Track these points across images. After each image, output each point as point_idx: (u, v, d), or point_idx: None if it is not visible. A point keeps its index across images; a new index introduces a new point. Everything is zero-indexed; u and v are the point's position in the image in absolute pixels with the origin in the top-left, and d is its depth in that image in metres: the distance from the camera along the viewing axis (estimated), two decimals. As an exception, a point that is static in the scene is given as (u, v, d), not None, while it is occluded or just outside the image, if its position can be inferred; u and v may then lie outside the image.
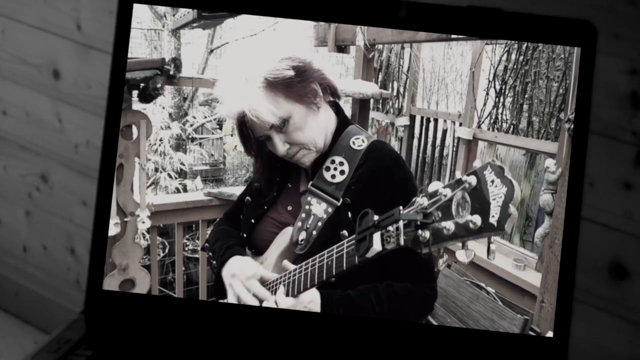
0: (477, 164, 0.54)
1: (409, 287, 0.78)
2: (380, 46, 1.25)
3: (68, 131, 1.37)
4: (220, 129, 1.44)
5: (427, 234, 0.56)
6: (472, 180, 0.52)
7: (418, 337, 0.76)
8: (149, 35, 1.05)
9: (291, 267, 0.78)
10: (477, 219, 0.52)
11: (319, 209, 0.77)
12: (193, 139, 1.36)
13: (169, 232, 1.17)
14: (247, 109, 0.75)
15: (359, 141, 0.80)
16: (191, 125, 1.31)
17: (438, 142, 1.15)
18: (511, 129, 1.04)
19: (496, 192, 0.51)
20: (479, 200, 0.52)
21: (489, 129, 1.05)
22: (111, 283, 0.95)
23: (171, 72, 1.00)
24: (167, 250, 1.17)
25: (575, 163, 0.73)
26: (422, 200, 0.57)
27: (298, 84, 0.76)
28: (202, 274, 1.14)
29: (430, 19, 0.74)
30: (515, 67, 1.01)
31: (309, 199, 0.78)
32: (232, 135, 1.34)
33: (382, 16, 0.75)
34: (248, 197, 0.88)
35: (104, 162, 0.76)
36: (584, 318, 0.99)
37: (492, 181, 0.51)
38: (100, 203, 0.77)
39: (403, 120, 1.21)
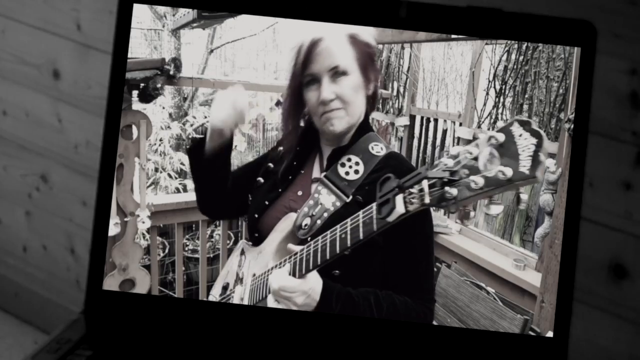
0: (500, 124, 0.54)
1: (408, 302, 0.79)
2: (380, 46, 1.25)
3: (68, 131, 1.37)
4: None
5: (454, 191, 0.56)
6: (500, 136, 0.53)
7: (418, 337, 0.76)
8: (149, 35, 1.04)
9: (297, 248, 0.77)
10: (507, 170, 0.52)
11: (327, 200, 0.78)
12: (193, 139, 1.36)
13: (169, 232, 1.17)
14: (326, 39, 0.77)
15: (378, 148, 0.82)
16: (191, 125, 1.31)
17: (438, 142, 1.15)
18: (511, 129, 1.04)
19: (525, 144, 0.52)
20: (508, 153, 0.53)
21: (489, 129, 1.05)
22: (111, 283, 0.95)
23: (171, 72, 1.00)
24: (167, 250, 1.17)
25: (575, 163, 0.73)
26: (447, 161, 0.57)
27: (368, 58, 0.79)
28: (202, 274, 1.14)
29: (430, 19, 0.74)
30: (515, 67, 1.01)
31: (319, 188, 0.79)
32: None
33: (382, 16, 0.75)
34: (260, 178, 0.87)
35: (104, 162, 0.76)
36: (584, 318, 0.99)
37: (521, 135, 0.53)
38: (100, 203, 0.77)
39: (403, 120, 1.21)
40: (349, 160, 0.80)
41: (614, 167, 0.94)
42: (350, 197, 0.77)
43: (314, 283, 0.74)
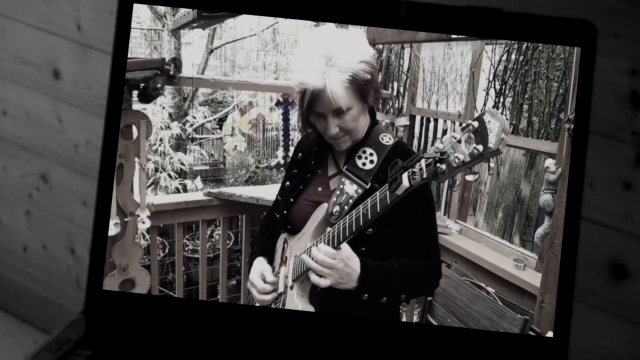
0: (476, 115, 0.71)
1: (424, 264, 0.93)
2: (380, 46, 1.25)
3: (68, 131, 1.37)
4: (220, 129, 1.44)
5: (443, 166, 0.73)
6: (475, 123, 0.70)
7: (418, 337, 0.76)
8: (149, 35, 1.05)
9: (330, 228, 0.90)
10: (480, 147, 0.69)
11: (350, 189, 0.92)
12: (193, 139, 1.36)
13: (169, 232, 1.17)
14: (328, 88, 0.88)
15: (387, 138, 0.95)
16: (191, 125, 1.31)
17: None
18: (511, 129, 1.04)
19: (492, 127, 0.69)
20: (481, 135, 0.69)
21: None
22: (111, 283, 0.95)
23: (171, 72, 1.01)
24: (167, 250, 1.17)
25: (575, 163, 0.73)
26: (438, 145, 0.74)
27: (367, 86, 0.90)
28: (202, 274, 1.14)
29: (430, 19, 0.74)
30: (515, 67, 1.01)
31: (343, 179, 0.94)
32: (232, 135, 1.34)
33: (382, 16, 0.75)
34: (288, 182, 1.01)
35: (104, 162, 0.76)
36: (584, 318, 0.99)
37: (489, 121, 0.69)
38: (100, 203, 0.77)
39: (403, 120, 1.21)
40: (364, 152, 0.94)
41: (614, 167, 0.94)
42: (369, 184, 0.91)
43: (349, 253, 0.87)
